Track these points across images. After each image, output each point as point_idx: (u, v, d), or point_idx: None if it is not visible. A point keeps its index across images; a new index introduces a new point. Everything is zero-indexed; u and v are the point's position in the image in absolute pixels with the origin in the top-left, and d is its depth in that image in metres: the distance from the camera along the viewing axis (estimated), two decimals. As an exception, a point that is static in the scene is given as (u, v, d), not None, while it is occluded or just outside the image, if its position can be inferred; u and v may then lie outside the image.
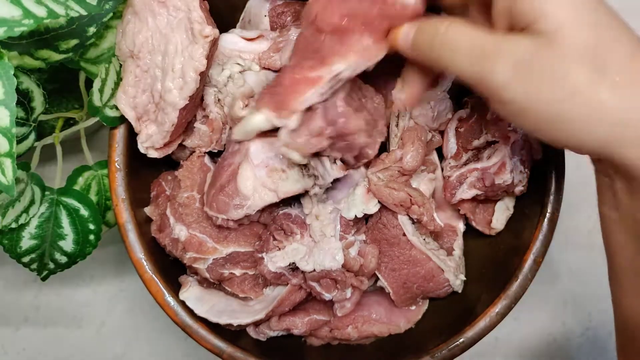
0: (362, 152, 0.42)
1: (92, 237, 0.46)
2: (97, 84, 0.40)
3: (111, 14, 0.39)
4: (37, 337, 0.54)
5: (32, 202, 0.43)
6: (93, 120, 0.46)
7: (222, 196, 0.41)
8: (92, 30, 0.38)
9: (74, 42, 0.38)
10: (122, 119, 0.42)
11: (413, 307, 0.47)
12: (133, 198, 0.43)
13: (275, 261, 0.42)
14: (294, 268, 0.43)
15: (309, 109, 0.37)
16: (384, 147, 0.47)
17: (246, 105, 0.43)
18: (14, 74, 0.32)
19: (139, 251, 0.42)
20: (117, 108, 0.41)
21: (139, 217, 0.43)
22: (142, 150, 0.42)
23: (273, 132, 0.42)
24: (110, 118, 0.41)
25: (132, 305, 0.54)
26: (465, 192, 0.45)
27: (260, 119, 0.38)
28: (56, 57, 0.38)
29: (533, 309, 0.56)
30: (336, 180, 0.44)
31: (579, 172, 0.58)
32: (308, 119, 0.37)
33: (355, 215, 0.42)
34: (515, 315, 0.56)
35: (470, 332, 0.41)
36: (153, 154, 0.42)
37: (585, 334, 0.55)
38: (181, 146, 0.46)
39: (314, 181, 0.41)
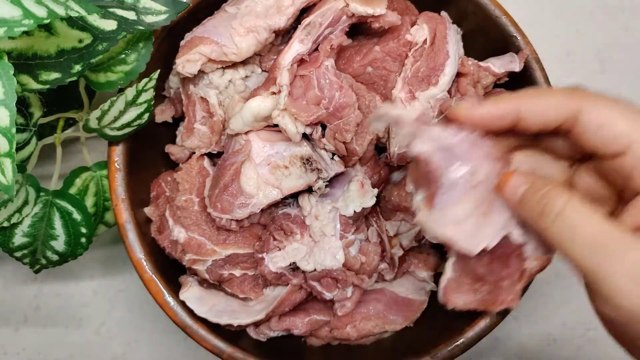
0: (350, 148, 0.42)
1: (83, 240, 0.46)
2: (96, 114, 0.40)
3: (100, 56, 0.38)
4: (37, 337, 0.54)
5: (25, 203, 0.43)
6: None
7: (226, 196, 0.41)
8: (77, 67, 0.37)
9: (55, 75, 0.37)
10: (123, 136, 0.42)
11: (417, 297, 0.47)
12: (133, 198, 0.43)
13: (275, 261, 0.42)
14: (294, 268, 0.43)
15: (304, 77, 0.39)
16: (382, 149, 0.48)
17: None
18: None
19: (138, 251, 0.42)
20: (117, 129, 0.41)
21: (139, 217, 0.43)
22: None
23: (272, 128, 0.42)
24: (110, 135, 0.42)
25: (132, 305, 0.54)
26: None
27: (256, 102, 0.39)
28: (34, 85, 0.37)
29: (533, 309, 0.56)
30: (333, 180, 0.44)
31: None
32: (306, 88, 0.39)
33: (354, 211, 0.42)
34: (515, 315, 0.56)
35: (470, 332, 0.41)
36: None
37: (586, 334, 0.55)
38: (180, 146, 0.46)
39: (317, 175, 0.41)
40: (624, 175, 0.29)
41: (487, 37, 0.46)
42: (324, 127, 0.42)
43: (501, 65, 0.45)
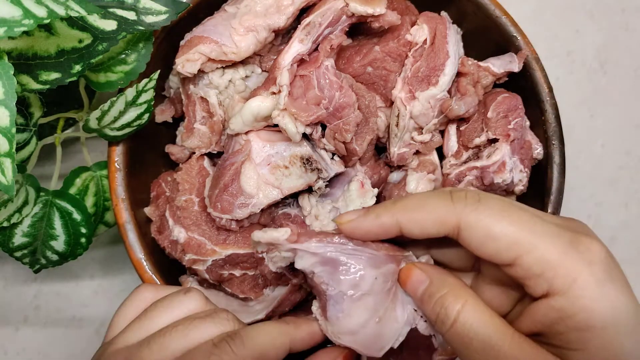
0: (350, 148, 0.42)
1: (83, 240, 0.46)
2: (96, 114, 0.40)
3: (100, 57, 0.38)
4: (37, 337, 0.54)
5: (25, 203, 0.43)
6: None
7: (226, 196, 0.41)
8: (77, 67, 0.37)
9: (55, 75, 0.37)
10: (123, 136, 0.42)
11: None
12: (133, 198, 0.43)
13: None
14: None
15: (304, 77, 0.39)
16: (382, 149, 0.48)
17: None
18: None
19: (138, 251, 0.42)
20: (117, 129, 0.41)
21: (139, 217, 0.43)
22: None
23: (272, 128, 0.42)
24: (110, 136, 0.42)
25: (132, 305, 0.54)
26: (464, 191, 0.45)
27: (256, 102, 0.39)
28: (34, 85, 0.37)
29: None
30: (333, 180, 0.44)
31: (578, 172, 0.58)
32: (306, 88, 0.39)
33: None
34: (515, 316, 0.56)
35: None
36: None
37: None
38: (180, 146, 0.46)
39: (317, 175, 0.41)
40: (517, 281, 0.29)
41: (487, 37, 0.46)
42: (324, 127, 0.42)
43: (500, 65, 0.45)
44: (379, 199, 0.47)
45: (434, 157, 0.47)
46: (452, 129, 0.47)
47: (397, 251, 0.33)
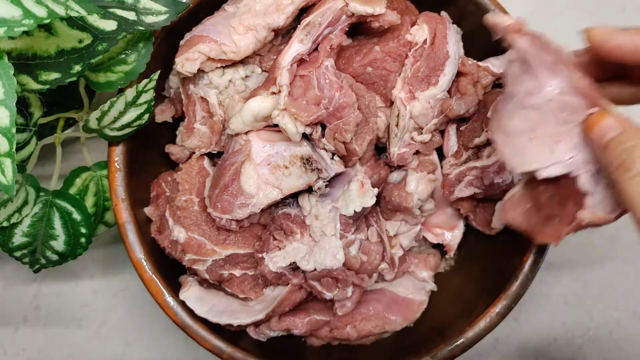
0: (350, 148, 0.42)
1: (83, 240, 0.46)
2: (95, 114, 0.40)
3: (100, 57, 0.38)
4: (37, 337, 0.54)
5: (25, 203, 0.43)
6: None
7: (226, 196, 0.41)
8: (77, 67, 0.37)
9: (55, 75, 0.37)
10: (123, 136, 0.42)
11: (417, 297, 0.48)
12: (133, 198, 0.43)
13: (275, 261, 0.42)
14: (294, 268, 0.43)
15: (304, 77, 0.40)
16: (382, 149, 0.48)
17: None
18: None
19: (138, 251, 0.42)
20: (117, 129, 0.41)
21: (139, 217, 0.43)
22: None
23: (272, 128, 0.42)
24: (110, 136, 0.42)
25: (132, 305, 0.54)
26: (463, 191, 0.45)
27: (256, 102, 0.40)
28: (34, 85, 0.37)
29: (533, 309, 0.56)
30: (333, 180, 0.44)
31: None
32: (306, 88, 0.40)
33: (355, 211, 0.42)
34: (515, 315, 0.56)
35: (470, 332, 0.41)
36: None
37: (586, 334, 0.55)
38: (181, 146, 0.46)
39: (317, 175, 0.41)
40: None
41: (487, 37, 0.46)
42: (324, 127, 0.42)
43: (500, 65, 0.45)
44: (379, 199, 0.47)
45: (434, 157, 0.47)
46: (452, 129, 0.47)
47: (598, 95, 0.32)
